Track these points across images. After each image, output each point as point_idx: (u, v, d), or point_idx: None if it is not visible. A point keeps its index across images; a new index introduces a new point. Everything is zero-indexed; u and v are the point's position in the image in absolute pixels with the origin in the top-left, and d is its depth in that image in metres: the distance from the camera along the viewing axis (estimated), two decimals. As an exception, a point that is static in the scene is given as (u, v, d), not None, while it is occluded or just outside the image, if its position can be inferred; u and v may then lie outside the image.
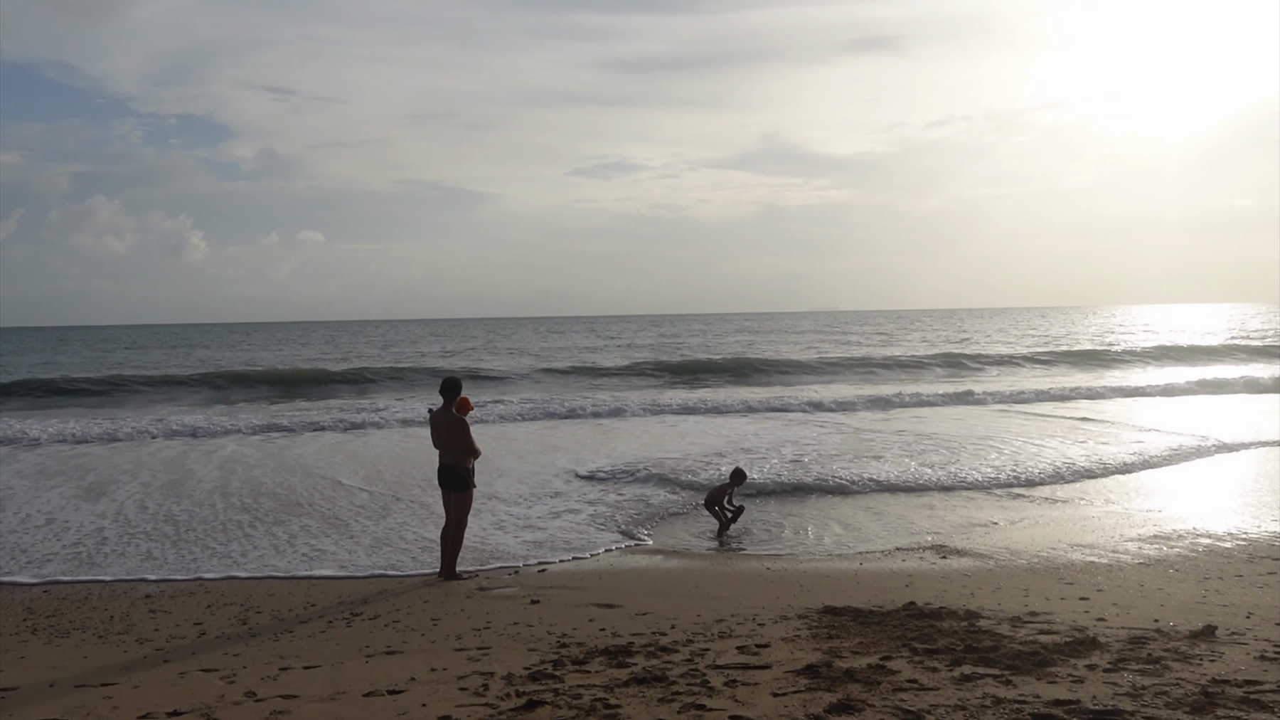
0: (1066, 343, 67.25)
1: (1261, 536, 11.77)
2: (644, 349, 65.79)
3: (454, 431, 10.73)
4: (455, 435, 10.74)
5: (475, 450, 10.85)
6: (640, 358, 53.92)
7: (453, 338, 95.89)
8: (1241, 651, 6.97)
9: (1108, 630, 7.68)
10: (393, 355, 63.07)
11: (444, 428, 10.79)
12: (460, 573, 10.79)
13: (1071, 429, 23.16)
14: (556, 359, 55.39)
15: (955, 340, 73.21)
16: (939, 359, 50.97)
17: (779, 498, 15.10)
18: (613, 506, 14.35)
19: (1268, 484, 15.51)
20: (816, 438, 21.88)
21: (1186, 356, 52.92)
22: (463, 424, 10.75)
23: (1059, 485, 15.72)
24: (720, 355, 55.32)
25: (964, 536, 12.14)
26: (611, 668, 6.97)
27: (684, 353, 59.97)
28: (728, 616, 8.48)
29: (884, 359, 51.14)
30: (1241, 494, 14.69)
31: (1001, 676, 6.45)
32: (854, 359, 51.09)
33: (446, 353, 66.54)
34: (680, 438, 22.33)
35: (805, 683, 6.44)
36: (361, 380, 42.36)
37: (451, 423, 10.75)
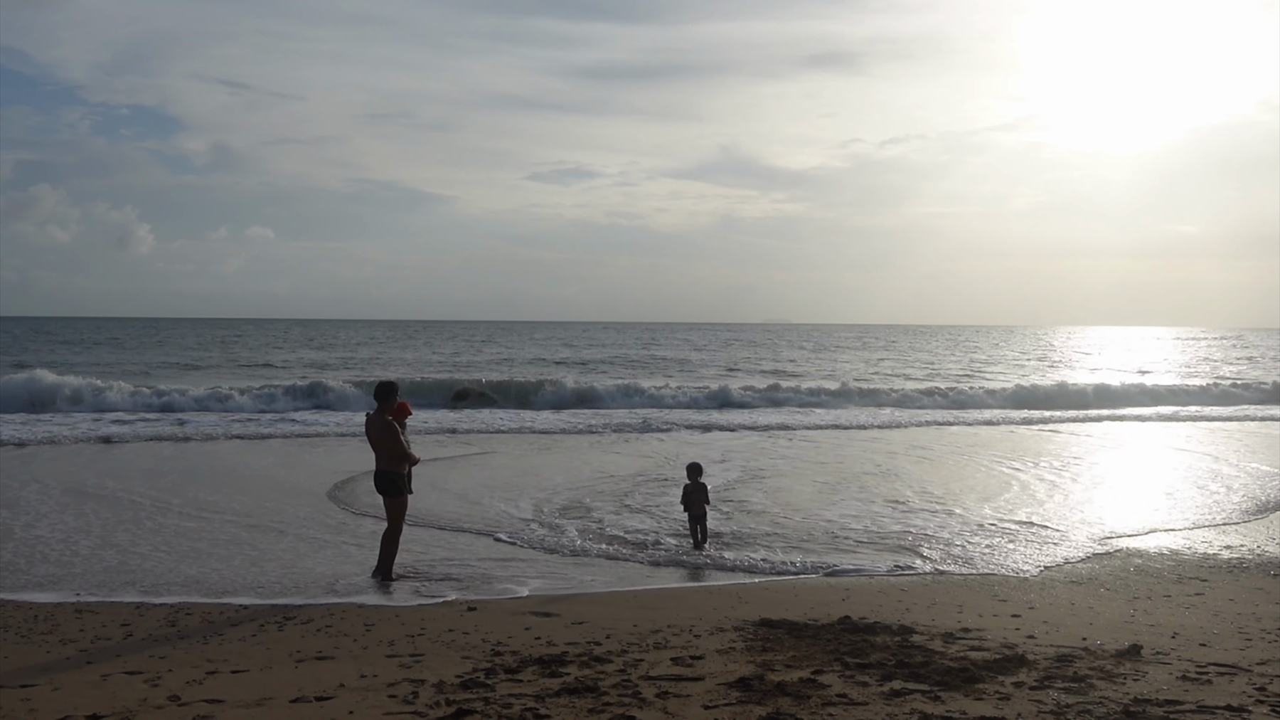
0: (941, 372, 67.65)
1: (1190, 558, 11.99)
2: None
3: (383, 435, 10.65)
4: (385, 439, 10.65)
5: (408, 456, 10.76)
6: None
7: (387, 341, 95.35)
8: (1165, 671, 7.10)
9: (1037, 648, 7.78)
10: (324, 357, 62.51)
11: (375, 432, 10.70)
12: (397, 575, 10.69)
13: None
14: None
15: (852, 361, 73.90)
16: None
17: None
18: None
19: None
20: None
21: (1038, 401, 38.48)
22: (392, 428, 10.66)
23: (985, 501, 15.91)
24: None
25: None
26: (544, 677, 6.94)
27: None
28: (664, 627, 8.48)
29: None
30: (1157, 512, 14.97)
31: (930, 692, 6.51)
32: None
33: (366, 356, 66.10)
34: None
35: (737, 695, 6.46)
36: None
37: (382, 427, 10.66)
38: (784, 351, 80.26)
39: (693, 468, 12.80)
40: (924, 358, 74.42)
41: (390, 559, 10.73)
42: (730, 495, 16.06)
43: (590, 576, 10.98)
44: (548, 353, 70.71)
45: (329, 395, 32.69)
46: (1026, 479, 18.39)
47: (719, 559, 11.72)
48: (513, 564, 11.53)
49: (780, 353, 78.25)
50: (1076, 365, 67.78)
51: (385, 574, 10.64)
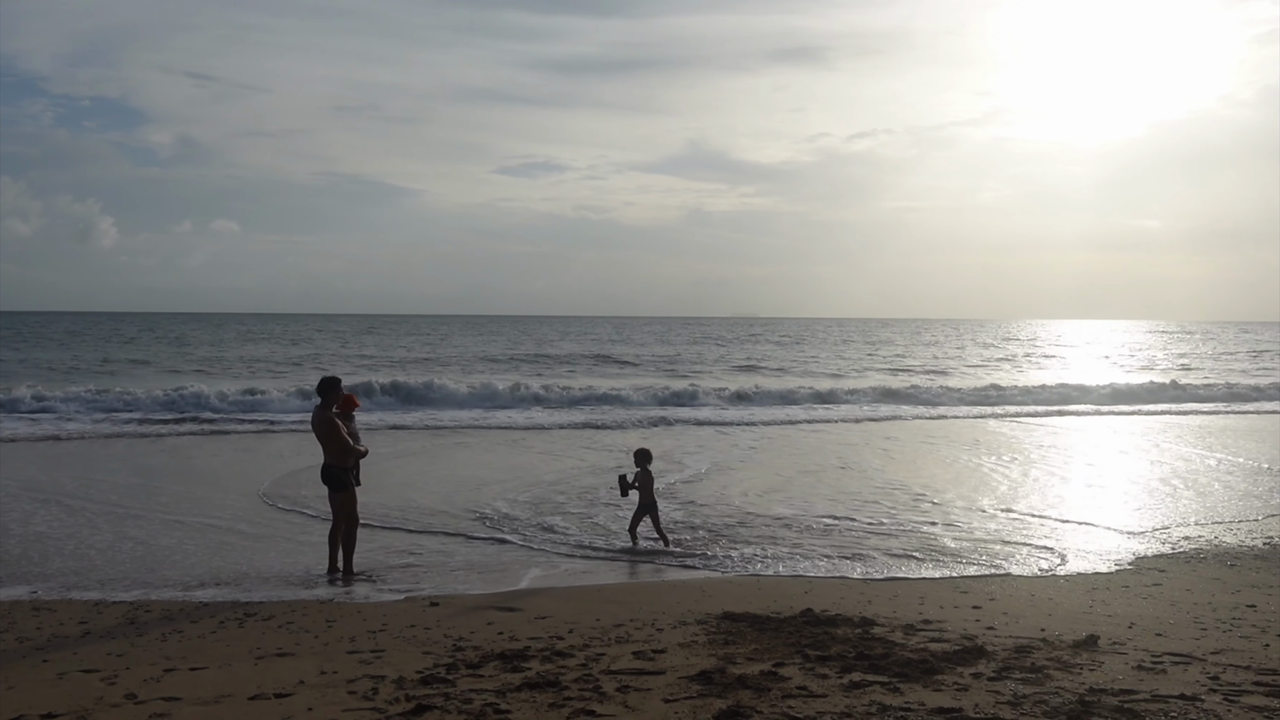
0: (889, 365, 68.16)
1: (1148, 549, 12.13)
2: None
3: (325, 430, 10.62)
4: (326, 434, 10.61)
5: (353, 449, 10.73)
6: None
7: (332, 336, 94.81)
8: (1121, 661, 7.18)
9: (996, 639, 7.85)
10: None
11: (318, 426, 10.66)
12: (357, 573, 10.64)
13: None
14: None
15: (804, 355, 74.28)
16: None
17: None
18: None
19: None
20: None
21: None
22: (333, 423, 10.63)
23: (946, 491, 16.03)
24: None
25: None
26: (505, 672, 6.93)
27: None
28: (627, 621, 8.48)
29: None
30: (1121, 504, 15.14)
31: (890, 684, 6.56)
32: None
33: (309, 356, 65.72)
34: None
35: (697, 689, 6.47)
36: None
37: (324, 422, 10.63)
38: (756, 348, 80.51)
39: (640, 454, 12.50)
40: (890, 351, 74.84)
41: (335, 554, 10.71)
42: (694, 489, 16.10)
43: (554, 571, 10.97)
44: (506, 348, 70.51)
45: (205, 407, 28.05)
46: (988, 472, 18.56)
47: (683, 553, 11.75)
48: (477, 559, 11.50)
49: (749, 349, 78.49)
50: (1040, 361, 68.45)
51: (333, 567, 10.62)
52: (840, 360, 62.29)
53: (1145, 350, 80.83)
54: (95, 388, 30.60)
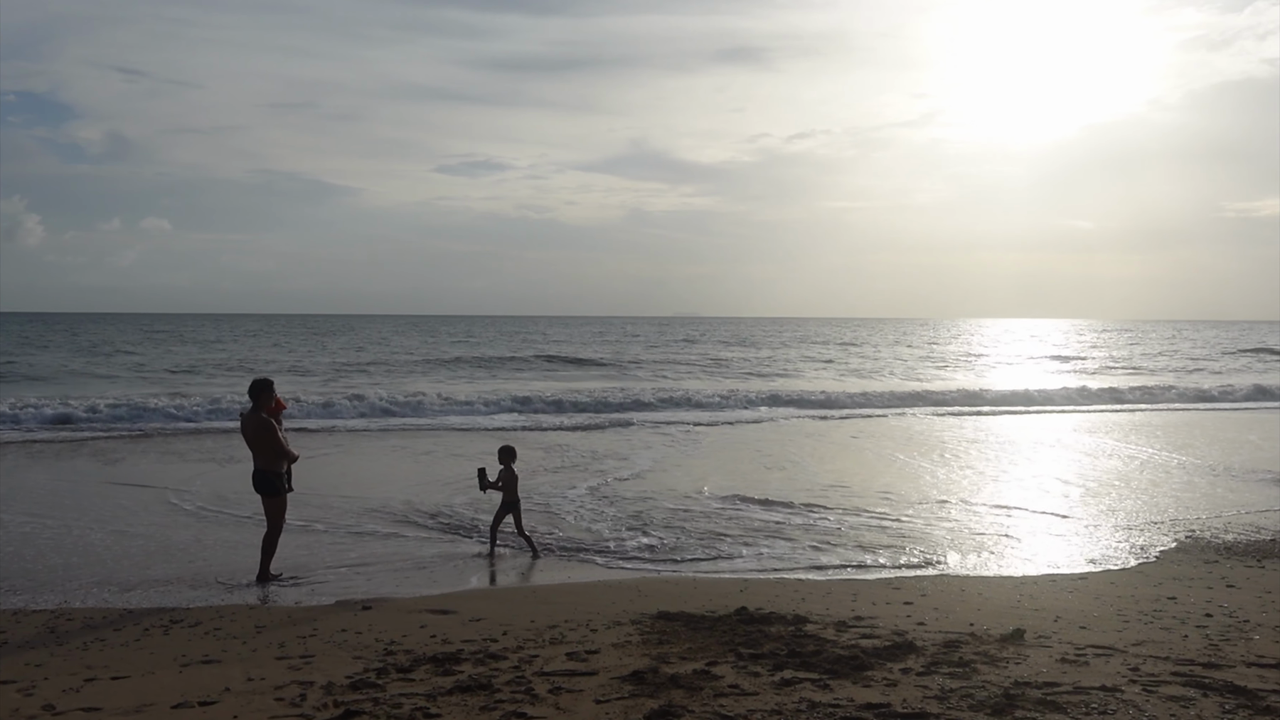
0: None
1: (1076, 545, 12.38)
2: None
3: (261, 434, 10.45)
4: (262, 438, 10.45)
5: (286, 453, 10.58)
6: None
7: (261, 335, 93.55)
8: (1045, 654, 7.31)
9: (926, 634, 7.95)
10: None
11: (251, 430, 10.49)
12: (275, 576, 10.48)
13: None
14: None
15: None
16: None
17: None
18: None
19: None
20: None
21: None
22: (270, 426, 10.47)
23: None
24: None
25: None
26: (437, 675, 6.87)
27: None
28: (561, 622, 8.46)
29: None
30: (1050, 498, 15.43)
31: (820, 681, 6.61)
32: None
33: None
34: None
35: (629, 689, 6.47)
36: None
37: (259, 425, 10.47)
38: (703, 347, 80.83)
39: (505, 451, 12.10)
40: (825, 351, 75.56)
41: (269, 559, 10.54)
42: (633, 487, 16.12)
43: (489, 573, 10.92)
44: (446, 349, 70.05)
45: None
46: (922, 469, 18.82)
47: (619, 552, 11.75)
48: (411, 562, 11.39)
49: (697, 348, 78.80)
50: (979, 360, 69.54)
51: (264, 574, 10.45)
52: (786, 360, 62.74)
53: (1074, 348, 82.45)
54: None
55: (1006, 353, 76.18)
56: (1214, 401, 37.05)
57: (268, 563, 10.52)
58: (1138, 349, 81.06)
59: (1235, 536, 12.77)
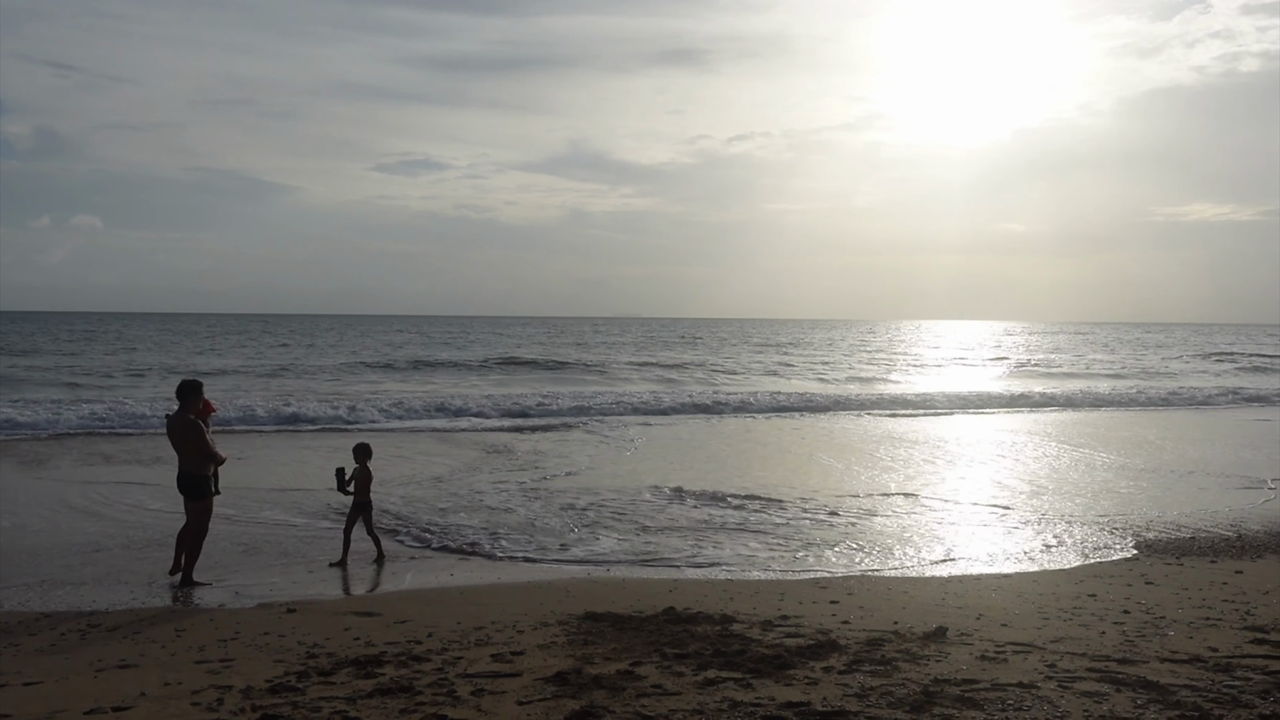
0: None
1: (1000, 541, 12.58)
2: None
3: (187, 436, 10.28)
4: (189, 440, 10.28)
5: (214, 455, 10.41)
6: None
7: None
8: (966, 652, 7.41)
9: (849, 633, 8.03)
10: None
11: (178, 432, 10.31)
12: (197, 580, 10.29)
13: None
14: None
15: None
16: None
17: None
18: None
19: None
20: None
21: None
22: (197, 428, 10.30)
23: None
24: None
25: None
26: (358, 678, 6.80)
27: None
28: (488, 624, 8.41)
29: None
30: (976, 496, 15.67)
31: (743, 680, 6.65)
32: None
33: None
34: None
35: (553, 690, 6.45)
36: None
37: (185, 427, 10.29)
38: (652, 350, 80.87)
39: (360, 449, 11.69)
40: (765, 352, 76.05)
41: (193, 562, 10.35)
42: (565, 489, 16.09)
43: (422, 573, 10.82)
44: (378, 350, 69.44)
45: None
46: (852, 468, 19.02)
47: (550, 553, 11.72)
48: (337, 562, 11.25)
49: (646, 350, 78.83)
50: (913, 362, 70.44)
51: (188, 578, 10.26)
52: (727, 361, 63.02)
53: (1007, 350, 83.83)
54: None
55: (940, 355, 77.30)
56: (1134, 405, 37.82)
57: (191, 566, 10.33)
58: (1067, 351, 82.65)
59: (1156, 534, 13.06)
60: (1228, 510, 14.82)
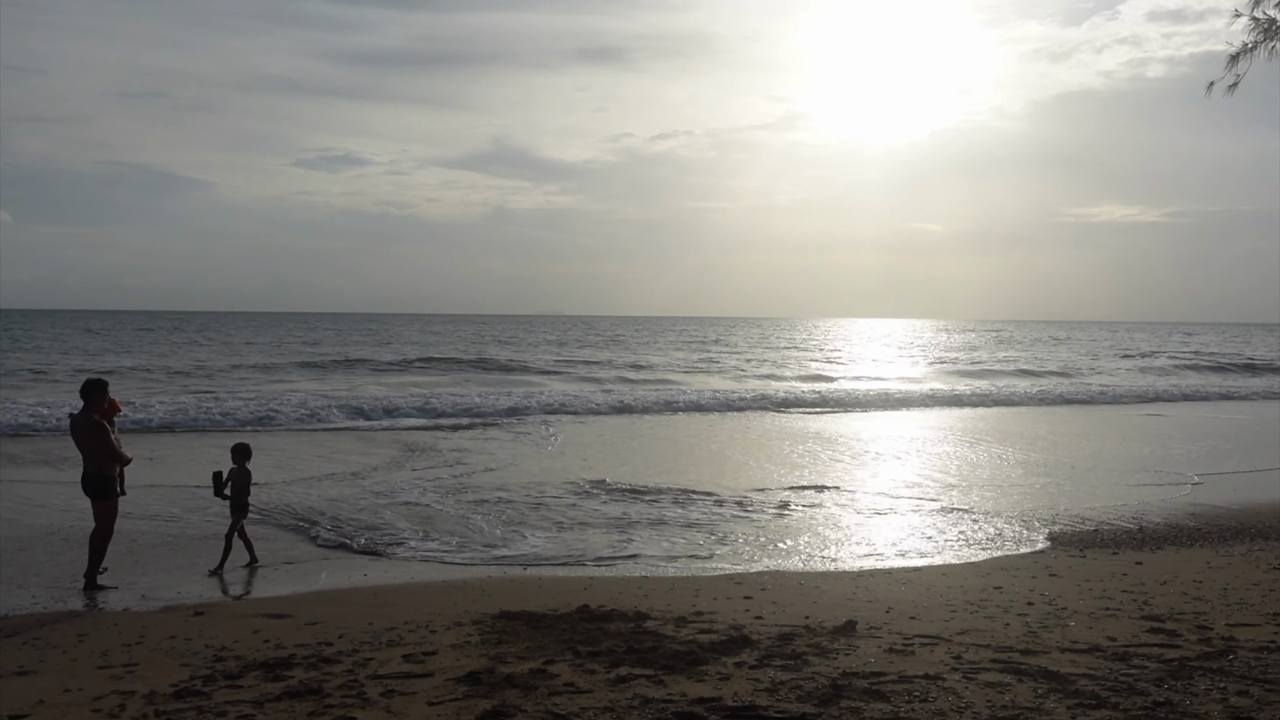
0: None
1: (912, 535, 12.82)
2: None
3: (93, 436, 10.03)
4: (94, 440, 10.03)
5: (119, 456, 10.17)
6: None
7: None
8: (875, 645, 7.55)
9: (762, 628, 8.12)
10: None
11: (82, 432, 10.06)
12: (101, 584, 10.03)
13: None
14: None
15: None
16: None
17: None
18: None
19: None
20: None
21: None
22: (102, 428, 10.06)
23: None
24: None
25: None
26: (267, 682, 6.69)
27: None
28: (400, 624, 8.34)
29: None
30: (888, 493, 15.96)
31: (655, 676, 6.68)
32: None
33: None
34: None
35: (464, 690, 6.43)
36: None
37: (90, 427, 10.04)
38: (572, 350, 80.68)
39: (238, 449, 11.37)
40: (688, 350, 76.45)
41: (97, 565, 10.09)
42: (484, 487, 16.01)
43: (329, 574, 10.68)
44: (296, 349, 68.31)
45: None
46: (770, 464, 19.22)
47: (465, 551, 11.65)
48: (249, 563, 11.06)
49: (570, 350, 78.62)
50: (831, 360, 71.39)
51: (91, 581, 10.00)
52: (650, 359, 63.19)
53: (924, 348, 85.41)
54: None
55: (859, 352, 78.53)
56: (1047, 402, 38.77)
57: (95, 568, 10.07)
58: (982, 349, 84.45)
59: (1062, 528, 13.41)
60: (1134, 504, 15.27)
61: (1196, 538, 12.75)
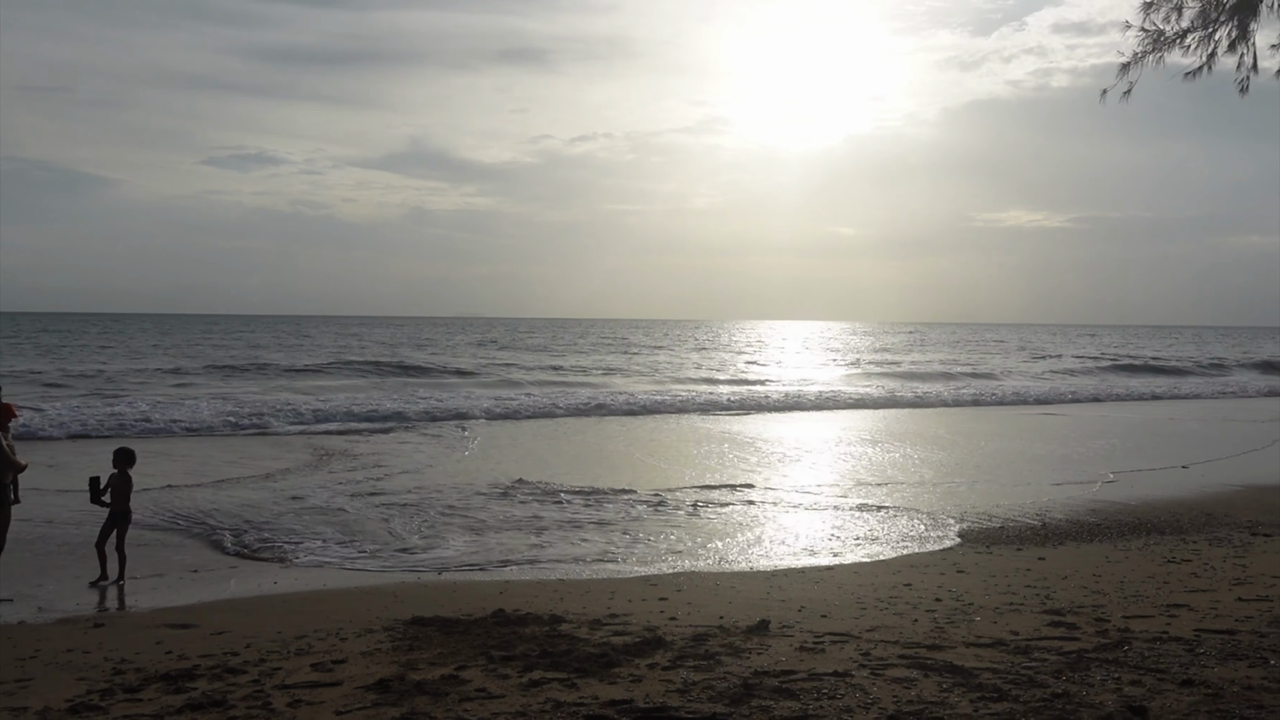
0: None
1: (826, 534, 12.98)
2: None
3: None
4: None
5: (12, 464, 9.84)
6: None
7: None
8: (787, 644, 7.62)
9: (676, 629, 8.15)
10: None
11: None
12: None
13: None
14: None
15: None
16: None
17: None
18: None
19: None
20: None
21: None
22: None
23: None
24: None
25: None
26: (168, 694, 6.52)
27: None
28: (310, 632, 8.19)
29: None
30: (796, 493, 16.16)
31: (568, 680, 6.67)
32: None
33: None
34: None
35: (373, 698, 6.34)
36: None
37: None
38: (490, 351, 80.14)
39: (120, 454, 10.88)
40: (606, 353, 76.50)
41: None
42: (396, 490, 15.82)
43: (238, 581, 10.46)
44: (205, 352, 66.84)
45: None
46: (685, 466, 19.32)
47: (378, 557, 11.50)
48: (154, 572, 10.77)
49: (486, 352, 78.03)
50: (754, 362, 72.01)
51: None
52: (567, 360, 63.07)
53: (838, 349, 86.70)
54: None
55: (775, 355, 79.39)
56: (960, 403, 39.60)
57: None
58: (897, 351, 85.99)
59: (970, 525, 13.70)
60: (1039, 501, 15.66)
61: (1096, 533, 13.13)
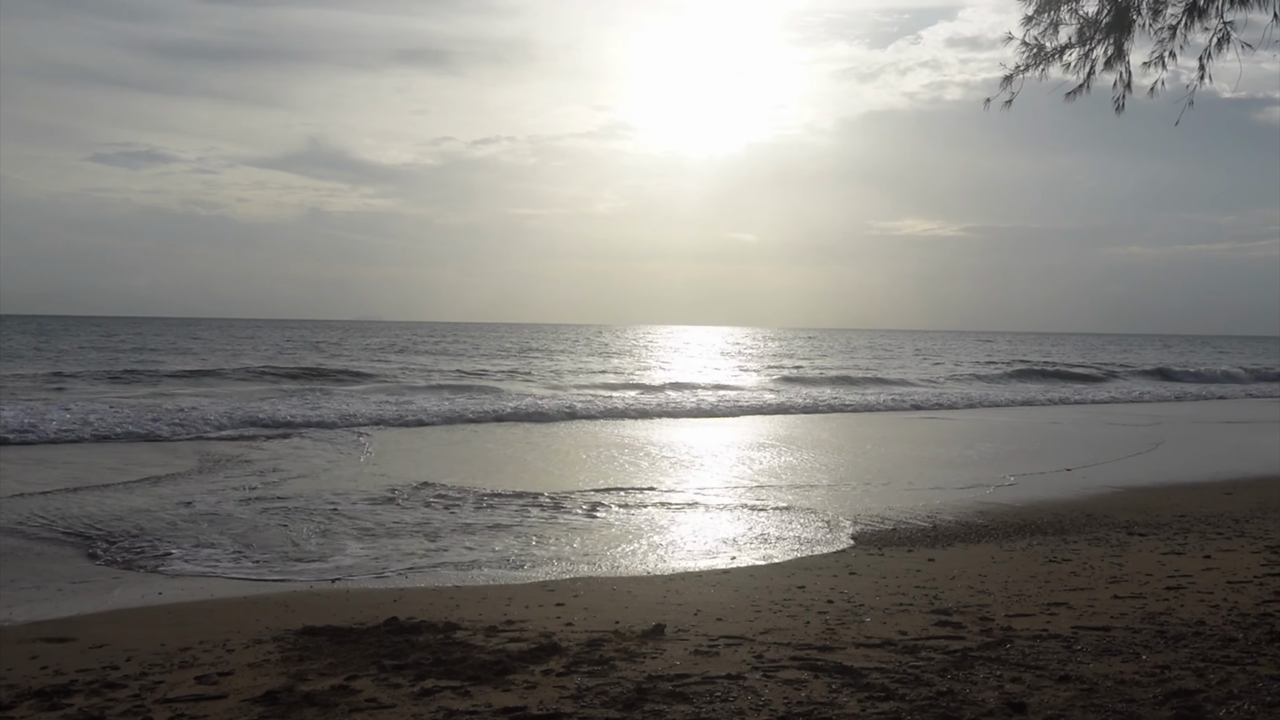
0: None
1: (723, 538, 13.12)
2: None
3: None
4: None
5: None
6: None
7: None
8: (682, 647, 7.68)
9: (572, 634, 8.15)
10: None
11: None
12: None
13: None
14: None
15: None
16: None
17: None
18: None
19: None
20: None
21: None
22: None
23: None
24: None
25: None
26: (42, 711, 6.30)
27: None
28: (195, 644, 7.97)
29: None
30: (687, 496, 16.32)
31: (461, 688, 6.62)
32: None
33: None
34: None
35: (260, 711, 6.21)
36: None
37: None
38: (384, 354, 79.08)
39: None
40: (506, 357, 76.16)
41: None
42: (287, 496, 15.51)
43: (121, 592, 10.13)
44: (85, 356, 64.71)
45: None
46: (581, 470, 19.35)
47: (267, 564, 11.26)
48: (31, 582, 10.37)
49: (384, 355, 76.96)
50: (660, 365, 72.39)
51: None
52: (470, 365, 62.59)
53: (744, 356, 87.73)
54: None
55: (677, 360, 79.98)
56: (861, 409, 40.39)
57: None
58: (798, 356, 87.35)
59: (863, 527, 13.97)
60: (930, 504, 16.04)
61: (984, 534, 13.51)
